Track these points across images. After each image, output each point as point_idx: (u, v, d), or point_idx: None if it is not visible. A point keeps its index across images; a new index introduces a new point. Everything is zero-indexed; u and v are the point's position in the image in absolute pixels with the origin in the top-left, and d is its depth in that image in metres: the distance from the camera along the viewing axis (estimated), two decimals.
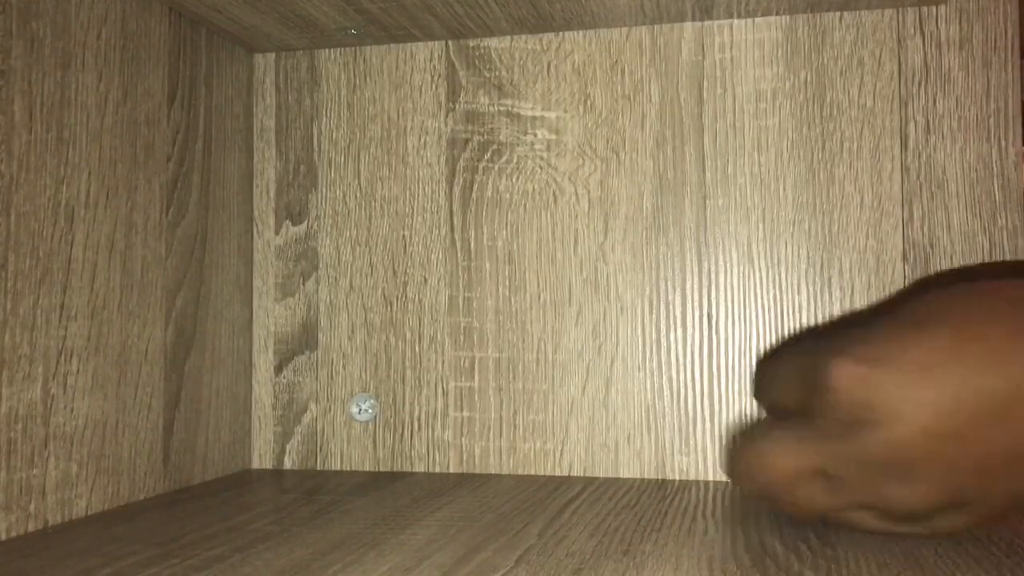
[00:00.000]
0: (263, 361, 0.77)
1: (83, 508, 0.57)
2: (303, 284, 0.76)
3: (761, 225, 0.69)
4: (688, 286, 0.70)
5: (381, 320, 0.75)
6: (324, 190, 0.76)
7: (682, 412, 0.69)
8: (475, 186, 0.73)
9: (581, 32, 0.72)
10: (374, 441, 0.74)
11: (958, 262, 0.66)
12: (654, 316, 0.70)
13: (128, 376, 0.61)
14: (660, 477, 0.69)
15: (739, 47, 0.69)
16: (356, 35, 0.73)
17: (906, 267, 0.67)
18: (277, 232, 0.77)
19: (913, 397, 0.42)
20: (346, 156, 0.76)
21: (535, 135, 0.72)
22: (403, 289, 0.74)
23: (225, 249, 0.73)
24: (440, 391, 0.73)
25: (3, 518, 0.51)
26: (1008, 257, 0.65)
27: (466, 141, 0.74)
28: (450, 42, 0.74)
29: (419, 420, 0.74)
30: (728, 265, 0.69)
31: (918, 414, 0.42)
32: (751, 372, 0.68)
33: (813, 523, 0.51)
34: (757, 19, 0.69)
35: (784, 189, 0.69)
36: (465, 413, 0.73)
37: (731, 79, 0.70)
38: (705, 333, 0.69)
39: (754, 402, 0.68)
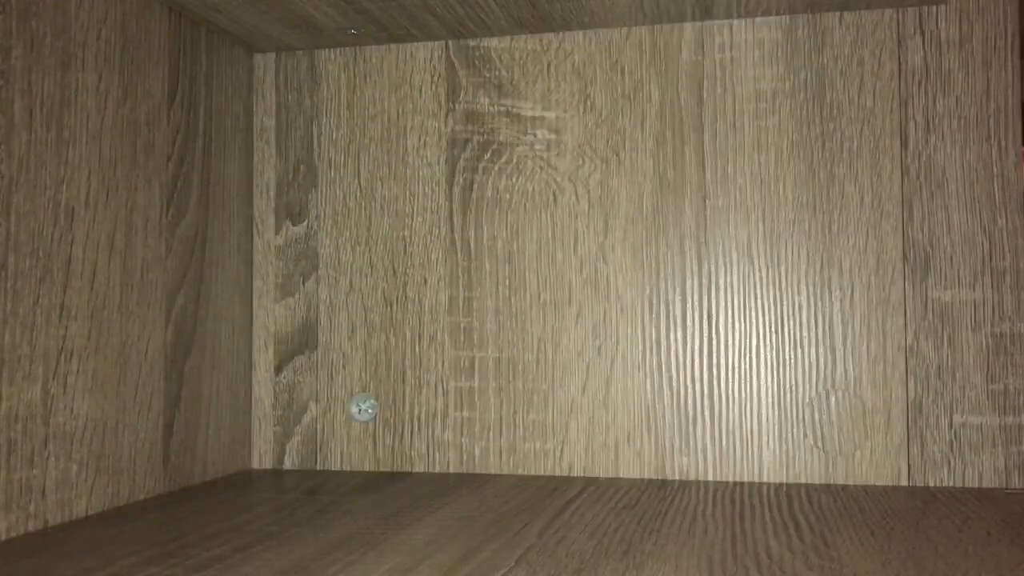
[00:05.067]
0: (263, 361, 0.77)
1: (83, 508, 0.57)
2: (303, 284, 0.76)
3: (761, 225, 0.69)
4: (688, 286, 0.70)
5: (381, 320, 0.75)
6: (324, 190, 0.76)
7: (682, 412, 0.69)
8: (475, 186, 0.73)
9: (581, 32, 0.72)
10: (374, 441, 0.74)
11: (958, 262, 0.66)
12: (654, 316, 0.70)
13: (128, 376, 0.61)
14: (660, 477, 0.69)
15: (739, 47, 0.69)
16: (356, 35, 0.73)
17: (906, 267, 0.67)
18: (277, 232, 0.77)
19: None
20: (346, 156, 0.76)
21: (535, 135, 0.72)
22: (403, 289, 0.74)
23: (225, 249, 0.73)
24: (440, 391, 0.73)
25: (3, 518, 0.51)
26: (1008, 257, 0.65)
27: (466, 141, 0.74)
28: (450, 42, 0.74)
29: (419, 420, 0.74)
30: (728, 265, 0.69)
31: None
32: (751, 372, 0.68)
33: None
34: (757, 19, 0.69)
35: (784, 189, 0.69)
36: (465, 413, 0.73)
37: (731, 79, 0.70)
38: (705, 333, 0.69)
39: (754, 401, 0.68)
